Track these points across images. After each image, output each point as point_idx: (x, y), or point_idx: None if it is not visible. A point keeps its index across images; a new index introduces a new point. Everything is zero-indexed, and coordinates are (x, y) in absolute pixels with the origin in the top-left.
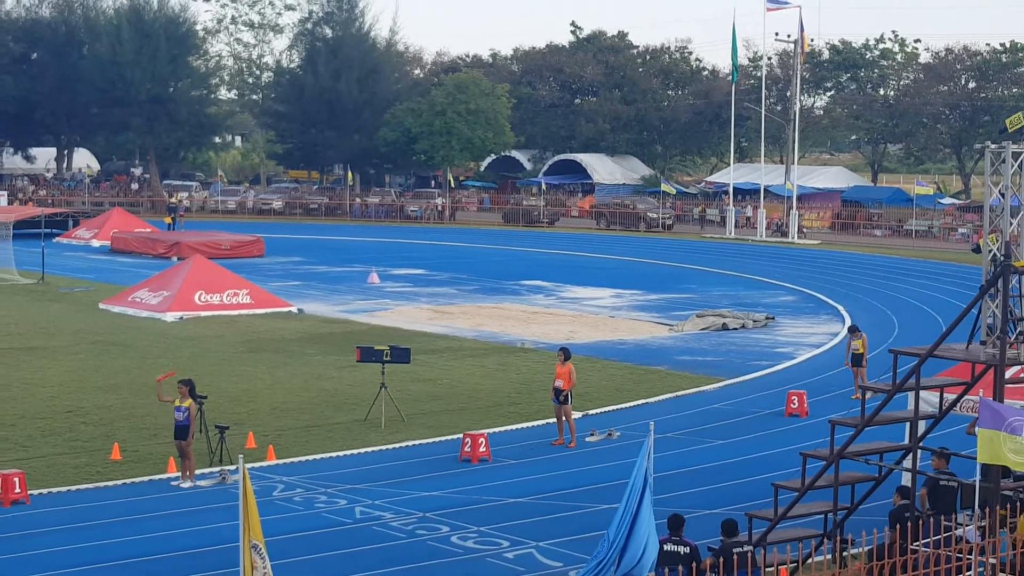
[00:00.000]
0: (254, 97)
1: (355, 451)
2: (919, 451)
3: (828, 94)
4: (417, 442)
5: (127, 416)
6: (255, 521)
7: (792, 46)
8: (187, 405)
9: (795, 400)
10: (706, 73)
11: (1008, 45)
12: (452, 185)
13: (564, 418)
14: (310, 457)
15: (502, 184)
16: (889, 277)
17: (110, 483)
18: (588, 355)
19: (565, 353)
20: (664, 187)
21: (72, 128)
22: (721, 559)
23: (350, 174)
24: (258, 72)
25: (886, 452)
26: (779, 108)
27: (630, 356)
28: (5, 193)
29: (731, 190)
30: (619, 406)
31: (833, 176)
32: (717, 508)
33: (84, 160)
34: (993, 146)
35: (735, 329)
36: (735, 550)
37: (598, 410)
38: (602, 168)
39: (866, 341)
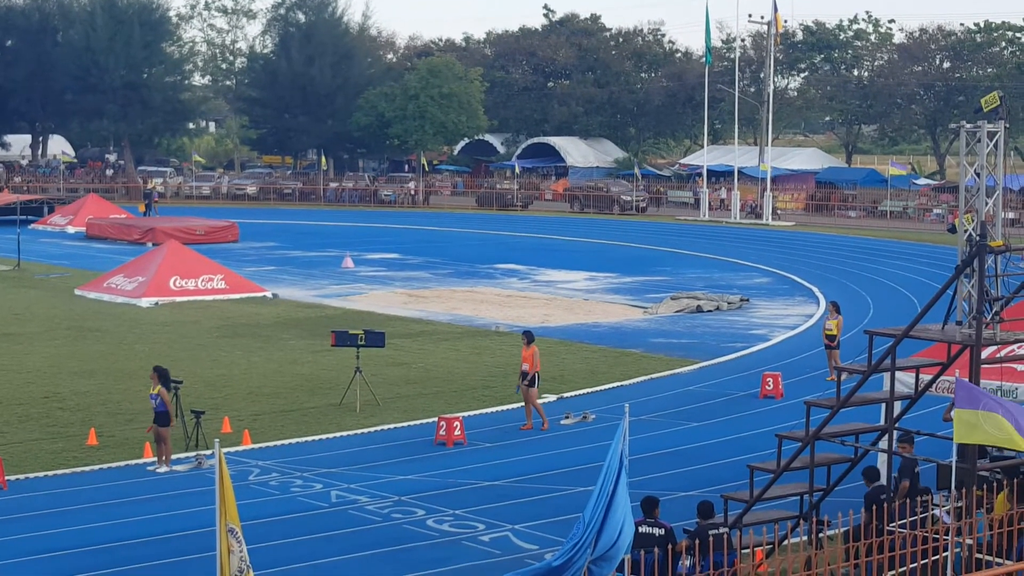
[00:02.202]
0: (228, 83)
1: (330, 435)
2: (895, 432)
3: (802, 75)
4: (392, 426)
5: (103, 401)
6: (231, 505)
7: (766, 27)
8: (157, 392)
9: (770, 382)
10: (679, 55)
11: (983, 25)
12: (426, 169)
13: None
14: (285, 441)
15: (476, 168)
16: (864, 258)
17: (87, 468)
18: (562, 338)
19: (528, 336)
20: (635, 171)
21: (47, 115)
22: (697, 541)
23: (324, 159)
24: (231, 58)
25: (862, 433)
26: (753, 90)
27: (604, 339)
28: None
29: (705, 172)
30: (594, 389)
31: (807, 158)
32: (692, 490)
33: (59, 147)
34: (969, 126)
35: (709, 311)
36: (711, 532)
37: (573, 393)
38: (575, 151)
39: (840, 323)
